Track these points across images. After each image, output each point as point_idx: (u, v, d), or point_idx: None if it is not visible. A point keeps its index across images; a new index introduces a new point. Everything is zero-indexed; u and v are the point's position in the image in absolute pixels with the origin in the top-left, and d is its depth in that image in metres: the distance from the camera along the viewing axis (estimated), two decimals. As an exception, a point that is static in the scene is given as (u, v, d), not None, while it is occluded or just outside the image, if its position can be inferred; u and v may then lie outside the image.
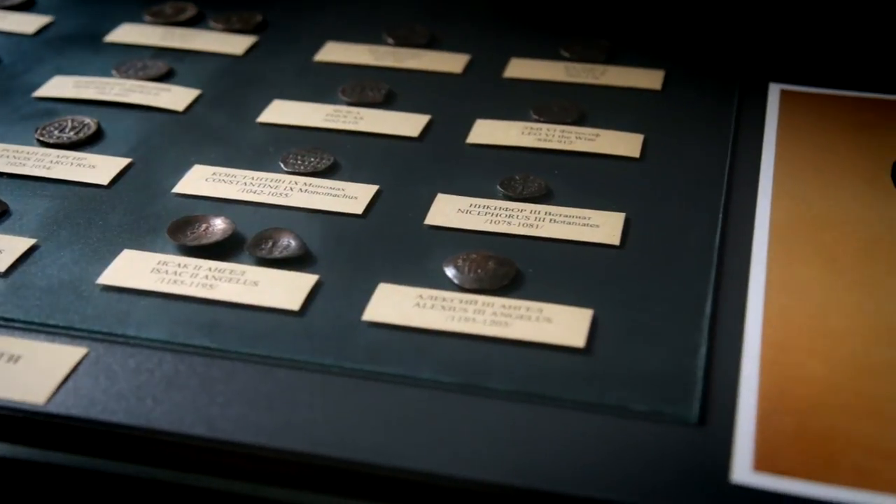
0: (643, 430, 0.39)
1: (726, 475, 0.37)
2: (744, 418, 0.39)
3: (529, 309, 0.44)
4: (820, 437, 0.39)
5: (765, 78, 0.63)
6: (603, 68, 0.64)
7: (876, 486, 0.36)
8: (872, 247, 0.49)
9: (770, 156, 0.55)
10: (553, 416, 0.40)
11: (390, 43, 0.67)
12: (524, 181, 0.53)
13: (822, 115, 0.59)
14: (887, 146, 0.56)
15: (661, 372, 0.42)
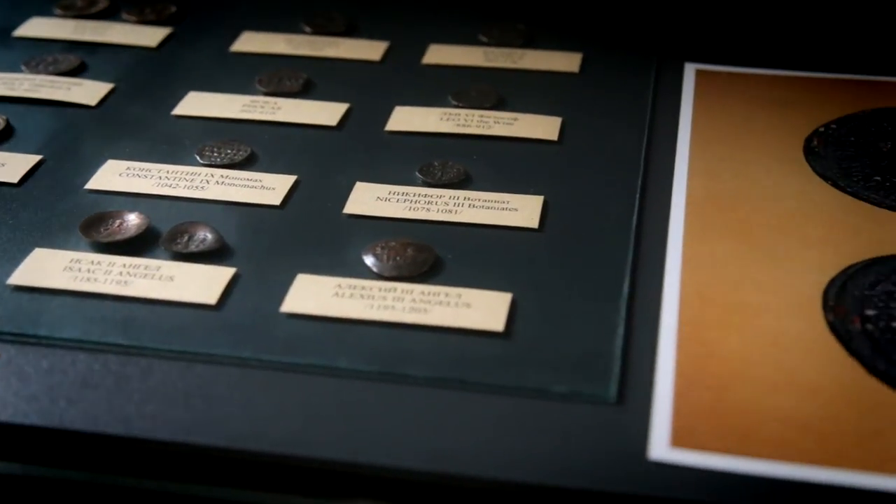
0: (562, 412, 0.39)
1: (644, 452, 0.37)
2: (661, 396, 0.40)
3: (448, 295, 0.44)
4: (736, 411, 0.39)
5: (680, 58, 0.63)
6: (521, 52, 0.64)
7: (791, 457, 0.37)
8: (786, 221, 0.49)
9: (686, 135, 0.56)
10: (472, 401, 0.40)
11: (308, 31, 0.67)
12: (443, 167, 0.53)
13: (736, 94, 0.60)
14: (800, 122, 0.57)
15: (580, 353, 0.42)
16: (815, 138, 0.56)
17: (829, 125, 0.57)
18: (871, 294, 0.44)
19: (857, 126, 0.57)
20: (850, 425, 0.38)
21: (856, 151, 0.54)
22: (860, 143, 0.55)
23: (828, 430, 0.38)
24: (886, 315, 0.43)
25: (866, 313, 0.43)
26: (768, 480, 0.36)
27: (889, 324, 0.43)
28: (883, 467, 0.37)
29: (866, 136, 0.56)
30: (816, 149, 0.55)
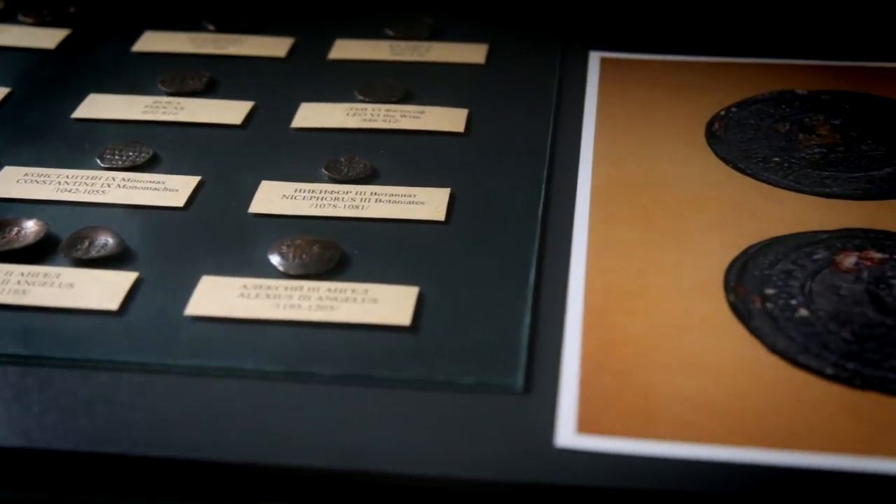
0: (470, 403, 0.39)
1: (551, 440, 0.38)
2: (567, 383, 0.40)
3: (355, 291, 0.44)
4: (641, 395, 0.39)
5: (585, 46, 0.64)
6: (428, 45, 0.64)
7: (695, 438, 0.38)
8: (689, 205, 0.50)
9: (591, 123, 0.56)
10: (380, 397, 0.40)
11: (211, 29, 0.66)
12: (349, 163, 0.53)
13: (639, 80, 0.61)
14: (702, 107, 0.58)
15: (487, 344, 0.42)
16: (717, 122, 0.56)
17: (729, 109, 0.58)
18: (770, 273, 0.45)
19: (756, 109, 0.58)
20: (752, 403, 0.39)
21: (755, 134, 0.55)
22: (760, 125, 0.56)
23: (730, 408, 0.39)
24: (785, 293, 0.44)
25: (766, 292, 0.44)
26: (672, 461, 0.37)
27: (788, 302, 0.44)
28: (783, 443, 0.37)
29: (765, 118, 0.57)
30: (718, 132, 0.56)
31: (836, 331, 0.42)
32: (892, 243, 0.47)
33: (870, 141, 0.54)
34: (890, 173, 0.52)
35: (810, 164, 0.53)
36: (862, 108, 0.57)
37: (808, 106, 0.58)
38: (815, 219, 0.49)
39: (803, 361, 0.41)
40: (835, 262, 0.46)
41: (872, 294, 0.44)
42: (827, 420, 0.38)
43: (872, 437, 0.37)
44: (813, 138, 0.55)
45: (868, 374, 0.40)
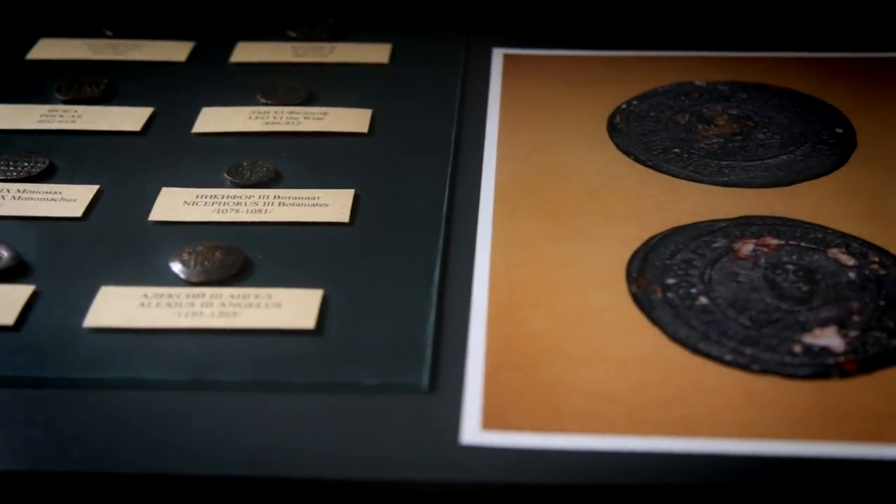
0: (376, 404, 0.39)
1: (456, 438, 0.38)
2: (472, 380, 0.40)
3: (258, 296, 0.44)
4: (544, 389, 0.40)
5: (489, 43, 0.64)
6: (331, 46, 0.64)
7: (598, 429, 0.38)
8: (591, 198, 0.50)
9: (495, 119, 0.57)
10: (285, 402, 0.39)
11: (109, 35, 0.65)
12: (252, 167, 0.52)
13: (542, 76, 0.61)
14: (603, 100, 0.58)
15: (392, 344, 0.42)
16: (618, 115, 0.57)
17: (630, 102, 0.58)
18: (671, 263, 0.46)
19: (657, 101, 0.59)
20: (654, 392, 0.39)
21: (656, 126, 0.56)
22: (660, 117, 0.57)
23: (633, 398, 0.39)
24: (686, 282, 0.45)
25: (667, 282, 0.45)
26: (577, 454, 0.37)
27: (688, 290, 0.44)
28: (686, 430, 0.38)
29: (665, 110, 0.58)
30: (619, 125, 0.56)
31: (735, 317, 0.43)
32: (788, 229, 0.48)
33: (766, 130, 0.55)
34: (785, 161, 0.53)
35: (709, 154, 0.54)
36: (758, 98, 0.58)
37: (707, 97, 0.59)
38: (715, 208, 0.49)
39: (703, 349, 0.41)
40: (733, 249, 0.47)
41: (769, 280, 0.45)
42: (727, 406, 0.39)
43: (771, 420, 0.38)
44: (711, 128, 0.56)
45: (766, 358, 0.41)
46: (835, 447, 0.37)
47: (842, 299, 0.43)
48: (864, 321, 0.42)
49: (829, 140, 0.54)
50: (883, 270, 0.45)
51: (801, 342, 0.41)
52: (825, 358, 0.41)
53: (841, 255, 0.46)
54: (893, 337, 0.41)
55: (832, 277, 0.45)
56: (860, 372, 0.40)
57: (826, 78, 0.60)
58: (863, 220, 0.48)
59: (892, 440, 0.37)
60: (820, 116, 0.57)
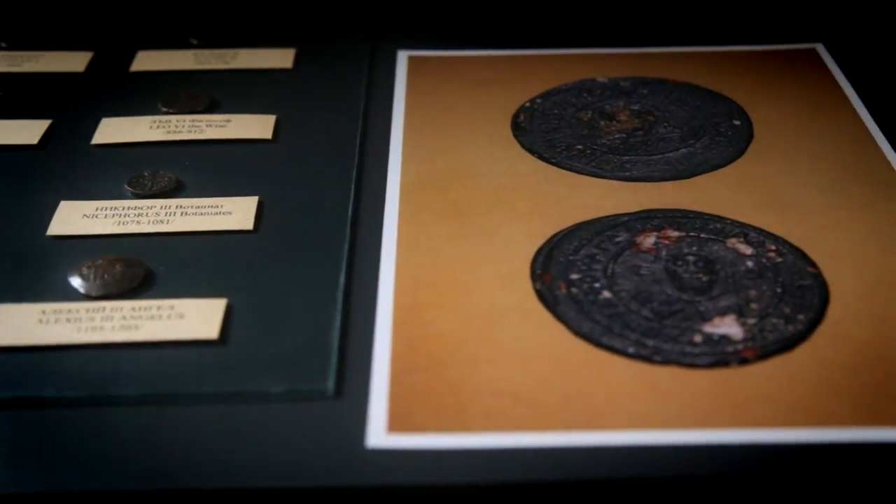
0: (281, 412, 0.39)
1: (362, 442, 0.38)
2: (377, 383, 0.40)
3: (161, 308, 0.43)
4: (450, 389, 0.40)
5: (393, 46, 0.64)
6: (233, 52, 0.63)
7: (503, 426, 0.38)
8: (496, 197, 0.51)
9: (400, 122, 0.57)
10: (189, 414, 0.39)
11: (4, 47, 0.63)
12: (153, 177, 0.51)
13: (447, 77, 0.61)
14: (508, 100, 0.59)
15: (298, 351, 0.42)
16: (522, 114, 0.58)
17: (534, 100, 0.59)
18: (575, 259, 0.46)
19: (560, 99, 0.59)
20: (559, 387, 0.40)
21: (559, 123, 0.57)
22: (563, 114, 0.57)
23: (538, 395, 0.39)
24: (589, 277, 0.45)
25: (571, 277, 0.45)
26: (482, 452, 0.37)
27: (592, 285, 0.45)
28: (590, 423, 0.38)
29: (568, 107, 0.58)
30: (523, 124, 0.57)
31: (638, 310, 0.43)
32: (689, 221, 0.48)
33: (666, 124, 0.56)
34: (685, 154, 0.54)
35: (611, 150, 0.54)
36: (659, 93, 0.59)
37: (609, 93, 0.59)
38: (617, 202, 0.50)
39: (607, 342, 0.42)
40: (635, 243, 0.47)
41: (670, 271, 0.45)
42: (630, 398, 0.39)
43: (672, 410, 0.39)
44: (613, 124, 0.56)
45: (667, 349, 0.41)
46: (733, 434, 0.37)
47: (740, 288, 0.44)
48: (761, 309, 0.43)
49: (728, 132, 0.55)
50: (780, 258, 0.46)
51: (701, 332, 0.42)
52: (724, 346, 0.41)
53: (739, 244, 0.47)
54: (790, 323, 0.42)
55: (731, 267, 0.46)
56: (758, 359, 0.41)
57: (724, 71, 0.61)
58: (760, 210, 0.49)
59: (788, 425, 0.38)
60: (718, 109, 0.58)
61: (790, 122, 0.56)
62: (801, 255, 0.46)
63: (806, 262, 0.46)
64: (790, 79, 0.60)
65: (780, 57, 0.63)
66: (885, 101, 0.57)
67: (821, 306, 0.43)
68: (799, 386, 0.40)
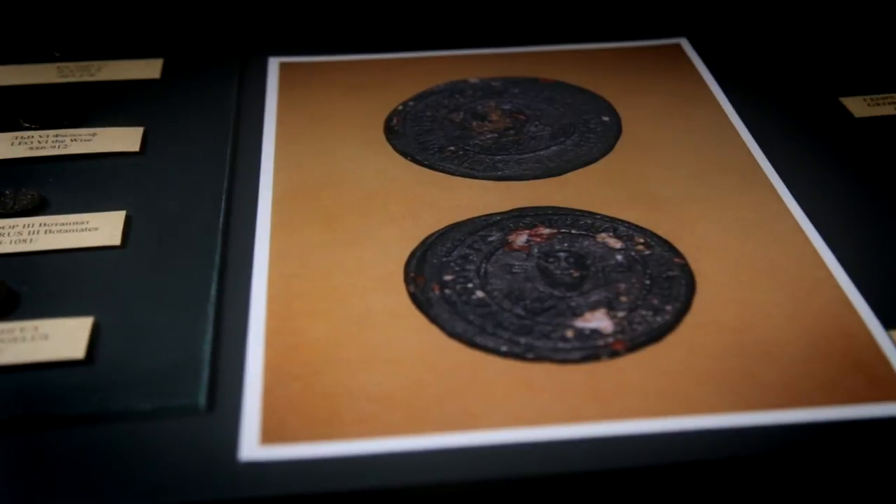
0: (152, 430, 0.38)
1: (235, 455, 0.37)
2: (250, 395, 0.40)
3: (24, 329, 0.42)
4: (324, 396, 0.40)
5: (265, 53, 0.64)
6: (99, 64, 0.62)
7: (377, 432, 0.38)
8: (369, 201, 0.51)
9: (271, 130, 0.56)
10: (55, 438, 0.38)
11: None
12: (15, 196, 0.50)
13: (319, 83, 0.61)
14: (380, 104, 0.59)
15: (168, 366, 0.41)
16: (395, 117, 0.57)
17: (406, 103, 0.59)
18: (448, 260, 0.46)
19: (432, 101, 0.59)
20: (432, 390, 0.40)
21: (432, 125, 0.57)
22: (435, 116, 0.58)
23: (411, 398, 0.39)
24: (463, 278, 0.45)
25: (444, 279, 0.45)
26: (356, 458, 0.37)
27: (465, 286, 0.45)
28: (463, 424, 0.38)
29: (441, 109, 0.58)
30: (396, 127, 0.57)
31: (510, 308, 0.44)
32: (560, 218, 0.49)
33: (537, 122, 0.57)
34: (556, 151, 0.54)
35: (483, 150, 0.55)
36: (530, 92, 0.60)
37: (481, 94, 0.60)
38: (490, 202, 0.50)
39: (480, 342, 0.42)
40: (508, 242, 0.48)
41: (542, 268, 0.46)
42: (503, 396, 0.40)
43: (545, 406, 0.39)
44: (485, 124, 0.57)
45: (540, 345, 0.42)
46: (603, 427, 0.38)
47: (610, 282, 0.45)
48: (631, 301, 0.44)
49: (597, 129, 0.56)
50: (648, 251, 0.47)
51: (573, 327, 0.43)
52: (595, 340, 0.42)
53: (609, 238, 0.48)
54: (658, 314, 0.43)
55: (601, 261, 0.46)
56: (628, 351, 0.42)
57: (594, 69, 0.62)
58: (629, 204, 0.50)
59: (657, 414, 0.38)
60: (588, 106, 0.58)
61: (657, 117, 0.57)
62: (669, 247, 0.47)
63: (673, 254, 0.47)
64: (656, 74, 0.62)
65: (646, 53, 0.64)
66: (746, 93, 0.59)
67: (688, 296, 0.44)
68: (667, 375, 0.40)
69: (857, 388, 0.40)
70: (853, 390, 0.40)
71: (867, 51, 0.63)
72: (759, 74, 0.61)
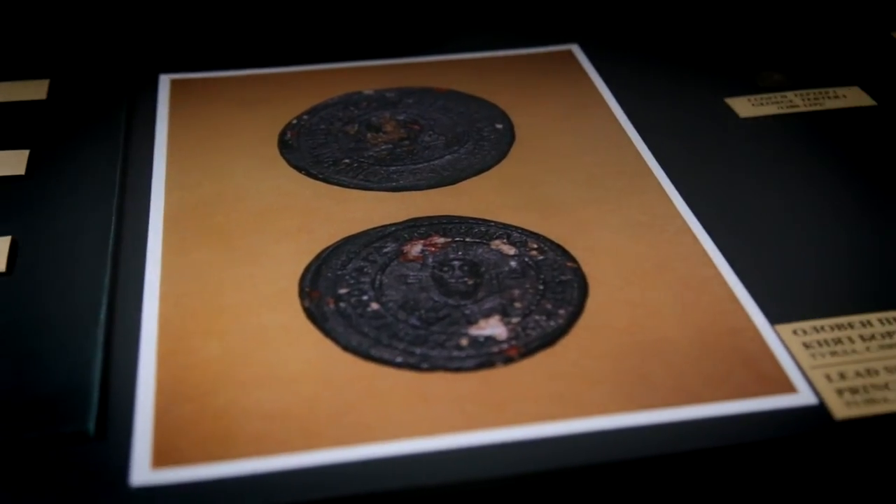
0: (39, 459, 0.37)
1: (126, 481, 0.36)
2: (141, 418, 0.39)
3: None
4: (218, 416, 0.39)
5: (156, 70, 0.63)
6: (-18, 86, 0.60)
7: (272, 450, 0.38)
8: (263, 217, 0.50)
9: (163, 149, 0.55)
10: (-63, 473, 0.37)
11: None
12: None
13: (212, 99, 0.60)
14: (274, 118, 0.58)
15: (57, 393, 0.40)
16: (289, 131, 0.57)
17: (301, 117, 0.59)
18: (343, 273, 0.46)
19: (327, 114, 0.59)
20: (328, 404, 0.40)
21: (326, 138, 0.57)
22: (330, 129, 0.57)
23: (306, 414, 0.39)
24: (357, 290, 0.45)
25: (339, 292, 0.45)
26: (249, 478, 0.36)
27: (360, 298, 0.45)
28: (359, 437, 0.38)
29: (335, 121, 0.58)
30: (290, 141, 0.56)
31: (406, 319, 0.44)
32: (454, 226, 0.49)
33: (431, 132, 0.57)
34: (450, 160, 0.55)
35: (378, 162, 0.55)
36: (424, 102, 0.60)
37: (375, 105, 0.60)
38: (385, 213, 0.50)
39: (375, 354, 0.42)
40: (403, 252, 0.48)
41: (437, 278, 0.46)
42: (398, 407, 0.40)
43: (441, 415, 0.39)
44: (380, 136, 0.57)
45: (435, 355, 0.42)
46: (498, 433, 0.38)
47: (504, 288, 0.45)
48: (524, 307, 0.44)
49: (491, 136, 0.57)
50: (541, 256, 0.47)
51: (467, 335, 0.43)
52: (490, 347, 0.42)
53: (503, 245, 0.48)
54: (552, 318, 0.44)
55: (495, 268, 0.47)
56: (522, 357, 0.42)
57: (487, 77, 0.63)
58: (522, 210, 0.51)
59: (551, 418, 0.39)
60: (482, 114, 0.59)
61: (550, 122, 0.58)
62: (562, 251, 0.48)
63: (566, 258, 0.47)
64: (549, 80, 0.62)
65: (538, 59, 0.65)
66: (636, 97, 0.60)
67: (580, 299, 0.45)
68: (561, 379, 0.41)
69: (746, 383, 0.41)
70: (741, 385, 0.40)
71: (752, 53, 0.65)
72: (649, 78, 0.62)
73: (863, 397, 0.39)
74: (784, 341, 0.42)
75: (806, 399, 0.40)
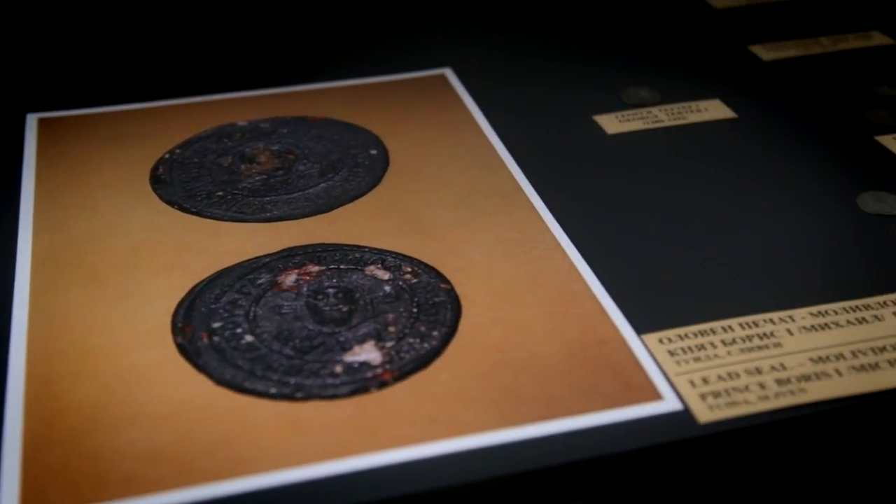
0: None
1: (-8, 532, 0.36)
2: (8, 467, 0.38)
3: None
4: (89, 459, 0.39)
5: (21, 110, 0.62)
6: None
7: (144, 490, 0.37)
8: (135, 254, 0.50)
9: (30, 190, 0.54)
10: None
11: None
12: None
13: (81, 137, 0.59)
14: (146, 154, 0.58)
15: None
16: (161, 166, 0.57)
17: (173, 151, 0.58)
18: (216, 307, 0.46)
19: (200, 147, 0.59)
20: (201, 440, 0.39)
21: (199, 172, 0.56)
22: (203, 162, 0.57)
23: (179, 451, 0.39)
24: (231, 323, 0.45)
25: (213, 326, 0.45)
26: (122, 520, 0.36)
27: (234, 331, 0.45)
28: (234, 471, 0.38)
29: (209, 154, 0.58)
30: (162, 176, 0.56)
31: (280, 349, 0.44)
32: (328, 254, 0.50)
33: (306, 161, 0.57)
34: (325, 188, 0.55)
35: (252, 193, 0.54)
36: (299, 131, 0.60)
37: (249, 136, 0.60)
38: (259, 245, 0.50)
39: (249, 387, 0.42)
40: (277, 283, 0.48)
41: (311, 306, 0.46)
42: (273, 438, 0.39)
43: (316, 444, 0.39)
44: (254, 167, 0.57)
45: (309, 384, 0.42)
46: (372, 458, 0.38)
47: (379, 313, 0.46)
48: (399, 330, 0.45)
49: (365, 162, 0.57)
50: (415, 279, 0.48)
51: (342, 362, 0.43)
52: (364, 373, 0.42)
53: (377, 270, 0.48)
54: (425, 340, 0.44)
55: (370, 293, 0.47)
56: (396, 380, 0.42)
57: (361, 104, 0.63)
58: (397, 234, 0.51)
59: (426, 440, 0.39)
60: (356, 141, 0.59)
61: (423, 146, 0.59)
62: (436, 273, 0.48)
63: (440, 280, 0.48)
64: (422, 105, 0.63)
65: (412, 85, 0.66)
66: (507, 118, 0.61)
67: (454, 320, 0.45)
68: (435, 400, 0.41)
69: (614, 393, 0.42)
70: (610, 395, 0.41)
71: (618, 70, 0.67)
72: (521, 99, 0.63)
73: (724, 400, 0.41)
74: (650, 350, 0.43)
75: (671, 405, 0.41)
